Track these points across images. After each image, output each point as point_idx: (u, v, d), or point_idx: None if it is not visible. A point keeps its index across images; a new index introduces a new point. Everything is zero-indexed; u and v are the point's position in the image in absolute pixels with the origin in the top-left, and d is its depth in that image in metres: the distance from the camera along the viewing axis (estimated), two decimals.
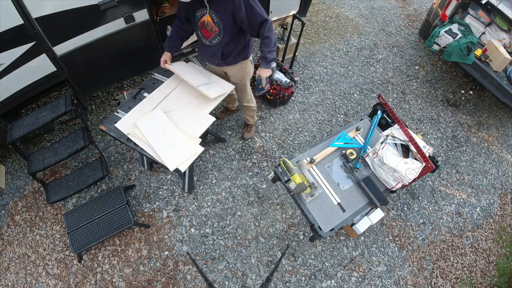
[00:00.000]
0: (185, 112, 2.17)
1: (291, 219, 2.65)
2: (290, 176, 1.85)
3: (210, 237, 2.51)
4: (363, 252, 2.58)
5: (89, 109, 3.10)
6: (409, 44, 4.28)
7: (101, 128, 2.09)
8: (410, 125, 3.43)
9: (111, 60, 2.57)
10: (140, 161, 2.83)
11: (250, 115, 2.87)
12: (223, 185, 2.77)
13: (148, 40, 2.62)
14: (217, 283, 2.33)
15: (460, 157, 3.28)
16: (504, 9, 3.20)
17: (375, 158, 2.00)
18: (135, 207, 2.61)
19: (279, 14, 3.06)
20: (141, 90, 2.33)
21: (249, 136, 3.06)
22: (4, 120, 2.41)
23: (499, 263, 2.75)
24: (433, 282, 2.54)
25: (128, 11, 2.28)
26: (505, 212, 3.03)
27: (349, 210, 1.91)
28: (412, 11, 4.83)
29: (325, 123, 3.30)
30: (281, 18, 3.15)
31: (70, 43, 2.21)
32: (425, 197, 2.95)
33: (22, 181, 2.73)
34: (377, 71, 3.88)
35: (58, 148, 2.38)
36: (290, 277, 2.40)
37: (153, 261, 2.40)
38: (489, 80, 3.26)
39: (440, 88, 3.85)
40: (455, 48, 3.25)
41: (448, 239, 2.77)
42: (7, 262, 2.39)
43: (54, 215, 2.56)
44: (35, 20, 1.97)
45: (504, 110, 3.81)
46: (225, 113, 3.15)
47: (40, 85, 2.32)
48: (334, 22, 4.43)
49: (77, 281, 2.31)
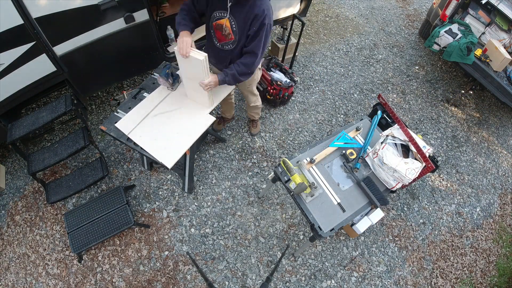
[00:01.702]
0: (184, 112, 2.16)
1: (291, 219, 2.65)
2: (290, 176, 1.84)
3: (210, 237, 2.51)
4: (363, 252, 2.58)
5: (89, 109, 3.10)
6: (409, 44, 4.28)
7: (101, 128, 2.09)
8: (410, 125, 3.43)
9: (111, 60, 2.57)
10: (140, 161, 2.83)
11: (256, 112, 2.88)
12: (223, 185, 2.77)
13: (148, 40, 2.62)
14: (217, 283, 2.33)
15: (460, 157, 3.28)
16: (504, 9, 3.20)
17: (375, 158, 2.00)
18: (135, 207, 2.61)
19: (279, 14, 3.06)
20: (141, 90, 2.32)
21: (257, 131, 3.07)
22: (4, 120, 2.41)
23: (499, 263, 2.75)
24: (433, 282, 2.54)
25: (128, 11, 2.28)
26: (505, 212, 3.03)
27: (349, 210, 1.91)
28: (412, 11, 4.83)
29: (325, 123, 3.30)
30: (281, 19, 3.14)
31: (70, 43, 2.21)
32: (425, 197, 2.95)
33: (22, 181, 2.73)
34: (377, 71, 3.88)
35: (58, 148, 2.38)
36: (290, 277, 2.40)
37: (153, 261, 2.40)
38: (489, 80, 3.26)
39: (440, 88, 3.85)
40: (455, 48, 3.25)
41: (448, 239, 2.77)
42: (7, 262, 2.39)
43: (54, 215, 2.56)
44: (35, 20, 1.96)
45: (504, 110, 3.81)
46: (223, 124, 3.06)
47: (40, 85, 2.32)
48: (334, 22, 4.43)
49: (77, 281, 2.31)
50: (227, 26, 1.83)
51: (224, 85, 2.06)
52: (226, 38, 1.91)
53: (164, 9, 2.95)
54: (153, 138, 2.02)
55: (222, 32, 1.89)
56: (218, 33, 1.92)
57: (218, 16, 1.83)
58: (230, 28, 1.84)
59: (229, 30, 1.85)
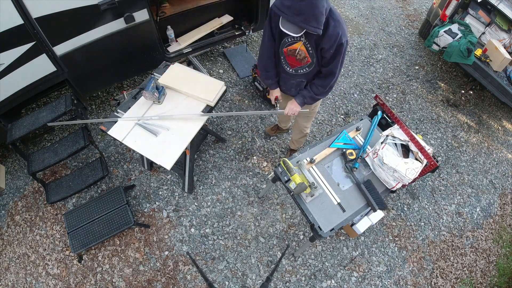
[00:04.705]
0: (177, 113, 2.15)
1: (291, 219, 2.65)
2: (290, 176, 1.84)
3: (210, 237, 2.51)
4: (363, 252, 2.58)
5: (89, 109, 3.10)
6: (409, 44, 4.28)
7: (101, 128, 2.09)
8: (410, 125, 3.43)
9: (111, 60, 2.57)
10: (140, 161, 2.83)
11: (300, 141, 2.77)
12: (223, 185, 2.77)
13: (148, 40, 2.62)
14: (217, 283, 2.33)
15: (460, 157, 3.28)
16: (504, 9, 3.20)
17: (375, 158, 2.00)
18: (135, 207, 2.61)
19: None
20: (141, 90, 2.32)
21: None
22: (4, 120, 2.41)
23: (499, 263, 2.75)
24: (433, 282, 2.54)
25: (128, 11, 2.28)
26: (505, 212, 3.03)
27: (349, 210, 1.91)
28: (412, 11, 4.83)
29: (325, 123, 3.30)
30: None
31: (70, 43, 2.21)
32: (425, 197, 2.95)
33: (22, 181, 2.73)
34: (377, 71, 3.88)
35: (58, 148, 2.38)
36: (290, 277, 2.40)
37: (153, 261, 2.40)
38: (489, 80, 3.26)
39: (440, 88, 3.85)
40: (455, 49, 3.25)
41: (448, 239, 2.77)
42: (7, 262, 2.39)
43: (54, 215, 2.56)
44: (35, 20, 1.96)
45: (504, 110, 3.81)
46: (275, 131, 3.02)
47: (40, 85, 2.32)
48: None
49: (77, 281, 2.31)
50: (302, 50, 1.74)
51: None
52: (302, 62, 1.82)
53: (164, 9, 2.95)
54: (148, 141, 2.01)
55: (296, 57, 1.80)
56: (291, 59, 1.83)
57: (291, 41, 1.73)
58: (306, 51, 1.74)
59: (305, 53, 1.75)
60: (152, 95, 2.09)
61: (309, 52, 1.74)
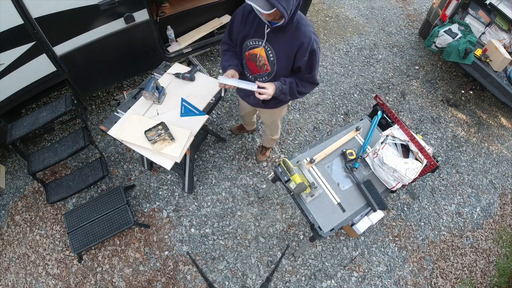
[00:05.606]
0: (175, 113, 2.15)
1: (291, 219, 2.65)
2: (290, 176, 1.84)
3: (210, 237, 2.51)
4: (363, 252, 2.58)
5: (89, 109, 3.10)
6: (409, 44, 4.28)
7: (101, 128, 2.09)
8: (410, 125, 3.43)
9: (111, 60, 2.57)
10: (140, 161, 2.83)
11: (272, 144, 2.80)
12: (223, 185, 2.77)
13: (148, 40, 2.62)
14: (217, 283, 2.33)
15: (460, 157, 3.28)
16: (504, 9, 3.20)
17: (375, 158, 2.00)
18: (135, 207, 2.61)
19: None
20: (141, 90, 2.32)
21: (264, 158, 2.89)
22: (4, 120, 2.41)
23: (499, 263, 2.75)
24: (433, 282, 2.54)
25: (128, 11, 2.28)
26: (505, 212, 3.03)
27: (349, 210, 1.91)
28: (412, 11, 4.83)
29: (325, 123, 3.30)
30: None
31: (70, 43, 2.21)
32: (425, 197, 2.95)
33: (22, 181, 2.73)
34: (377, 71, 3.88)
35: (58, 148, 2.38)
36: (290, 277, 2.40)
37: (153, 261, 2.40)
38: (489, 80, 3.26)
39: (440, 88, 3.85)
40: (454, 49, 3.26)
41: (448, 239, 2.77)
42: (7, 262, 2.39)
43: (54, 215, 2.56)
44: (35, 20, 1.96)
45: (504, 110, 3.81)
46: (240, 130, 3.03)
47: (40, 85, 2.32)
48: (334, 22, 4.43)
49: (77, 281, 2.31)
50: (262, 55, 1.60)
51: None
52: (261, 70, 1.69)
53: (164, 9, 2.95)
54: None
55: (256, 63, 1.67)
56: (251, 64, 1.71)
57: (252, 45, 1.61)
58: (265, 58, 1.61)
59: (265, 60, 1.62)
60: (152, 95, 2.09)
61: (269, 59, 1.61)
